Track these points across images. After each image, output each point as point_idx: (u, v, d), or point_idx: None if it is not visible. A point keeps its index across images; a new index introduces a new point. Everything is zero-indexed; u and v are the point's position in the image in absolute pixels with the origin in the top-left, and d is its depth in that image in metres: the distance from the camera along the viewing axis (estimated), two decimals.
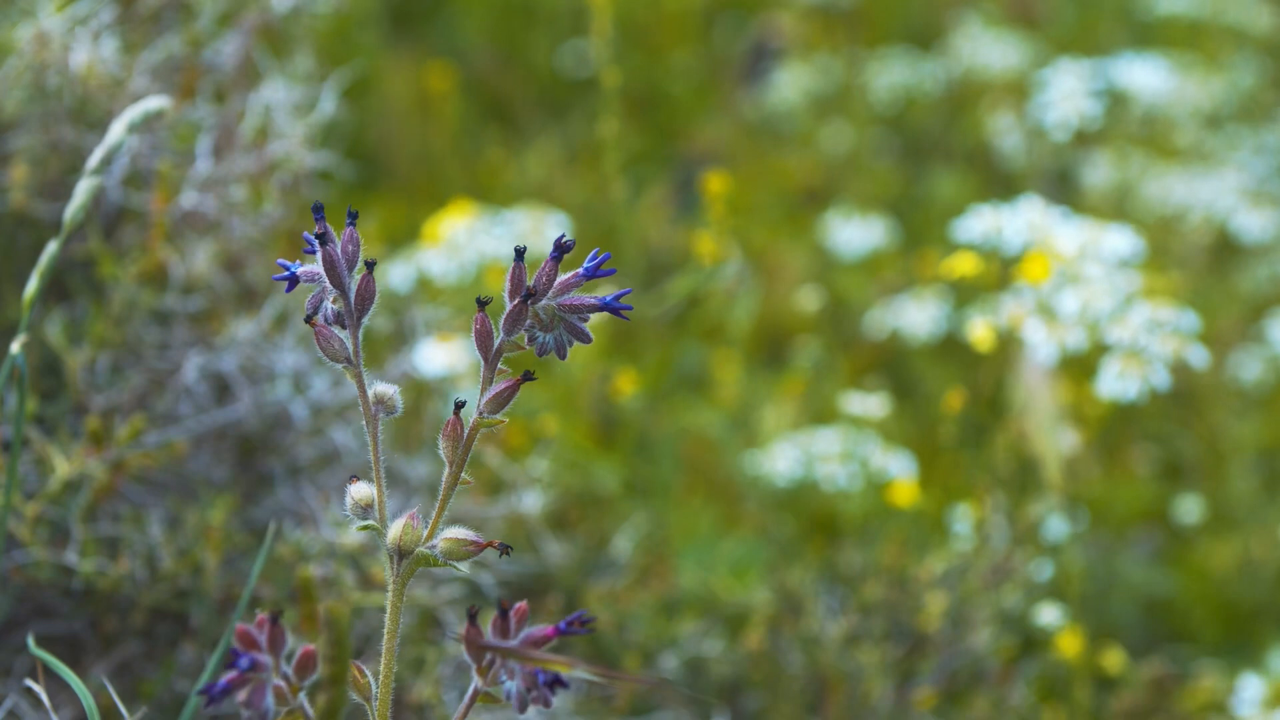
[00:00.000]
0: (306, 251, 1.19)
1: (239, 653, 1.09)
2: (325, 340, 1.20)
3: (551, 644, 1.14)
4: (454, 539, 1.19)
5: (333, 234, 1.19)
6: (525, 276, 1.18)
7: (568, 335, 1.20)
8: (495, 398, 1.19)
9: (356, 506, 1.21)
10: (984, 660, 2.03)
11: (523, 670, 1.14)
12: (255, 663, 1.10)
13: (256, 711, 1.10)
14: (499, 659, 1.15)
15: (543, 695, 1.14)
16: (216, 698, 1.10)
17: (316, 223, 1.18)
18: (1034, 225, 2.11)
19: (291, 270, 1.20)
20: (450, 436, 1.20)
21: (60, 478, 1.68)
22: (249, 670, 1.10)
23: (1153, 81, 3.00)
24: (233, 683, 1.10)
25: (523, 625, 1.15)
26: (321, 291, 1.20)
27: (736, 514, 2.44)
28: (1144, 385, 1.98)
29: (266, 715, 1.10)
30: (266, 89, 2.02)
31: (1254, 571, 2.49)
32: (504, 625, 1.15)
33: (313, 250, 1.19)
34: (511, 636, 1.15)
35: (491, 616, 1.15)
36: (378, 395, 1.21)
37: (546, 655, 1.13)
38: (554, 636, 1.14)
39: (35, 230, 1.85)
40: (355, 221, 1.20)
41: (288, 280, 1.20)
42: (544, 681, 1.14)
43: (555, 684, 1.14)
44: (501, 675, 1.15)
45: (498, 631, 1.15)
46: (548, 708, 1.15)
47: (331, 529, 1.75)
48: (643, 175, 3.34)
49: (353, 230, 1.20)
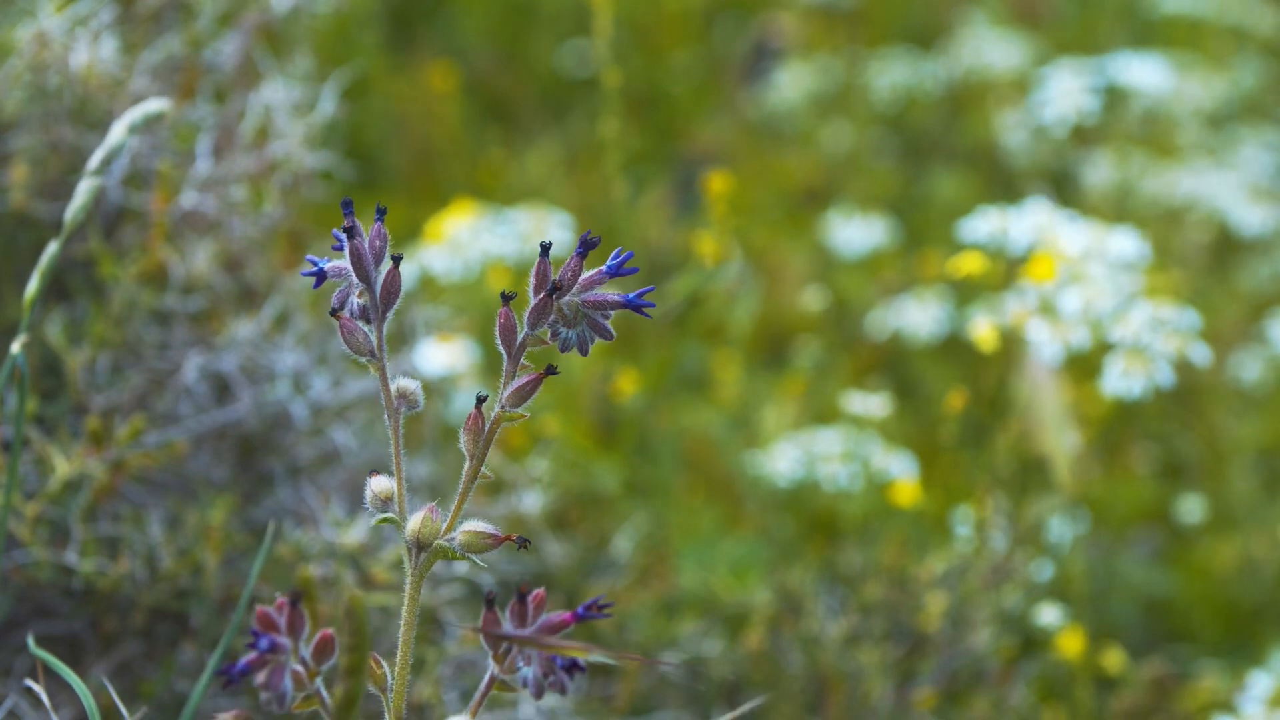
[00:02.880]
0: (335, 248, 1.20)
1: (259, 634, 1.10)
2: (350, 333, 1.20)
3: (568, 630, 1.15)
4: (473, 532, 1.20)
5: (360, 228, 1.19)
6: (550, 272, 1.19)
7: (590, 332, 1.20)
8: (518, 391, 1.20)
9: (376, 499, 1.21)
10: (984, 660, 2.03)
11: (539, 656, 1.14)
12: (275, 644, 1.10)
13: (275, 693, 1.10)
14: (515, 646, 1.15)
15: (560, 681, 1.15)
16: (236, 678, 1.10)
17: (345, 217, 1.18)
18: (1040, 226, 2.11)
19: (320, 266, 1.21)
20: (471, 430, 1.20)
21: (60, 478, 1.68)
22: (269, 651, 1.10)
23: (1154, 81, 3.00)
24: (252, 664, 1.10)
25: (540, 612, 1.16)
26: (348, 285, 1.20)
27: (736, 514, 2.43)
28: (1148, 383, 1.98)
29: (284, 697, 1.10)
30: (266, 89, 2.02)
31: (1254, 571, 2.49)
32: (522, 612, 1.15)
33: (340, 246, 1.19)
34: (529, 623, 1.15)
35: (509, 603, 1.16)
36: (400, 389, 1.21)
37: (565, 641, 1.14)
38: (572, 622, 1.15)
39: (35, 230, 1.85)
40: (384, 217, 1.21)
41: (316, 275, 1.21)
42: (562, 665, 1.14)
43: (573, 669, 1.15)
44: (518, 662, 1.16)
45: (515, 618, 1.15)
46: (564, 694, 1.15)
47: (331, 529, 1.75)
48: (643, 175, 3.34)
49: (380, 226, 1.21)
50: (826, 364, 2.67)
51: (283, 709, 1.11)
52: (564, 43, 3.68)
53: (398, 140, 3.39)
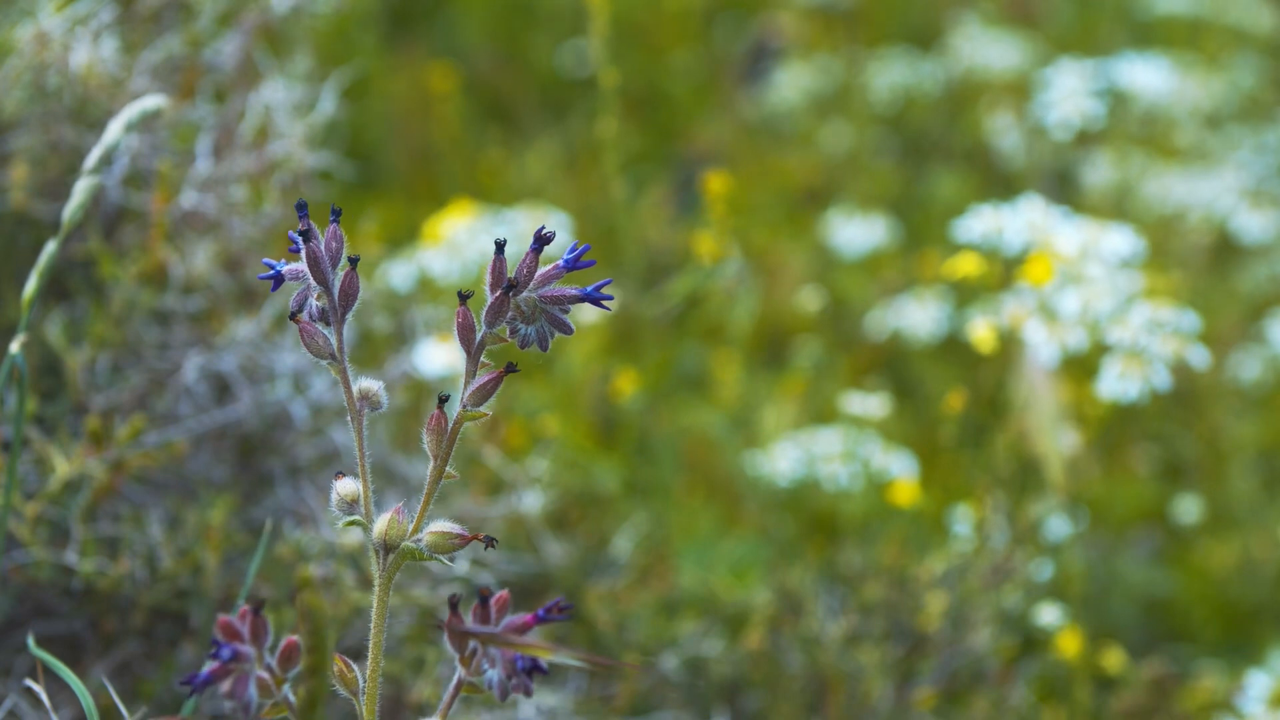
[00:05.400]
0: (292, 250, 1.19)
1: (220, 643, 1.09)
2: (309, 336, 1.20)
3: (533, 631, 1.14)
4: (440, 532, 1.19)
5: (316, 231, 1.19)
6: (506, 269, 1.18)
7: (549, 327, 1.20)
8: (479, 390, 1.20)
9: (342, 502, 1.21)
10: (984, 660, 2.03)
11: (502, 658, 1.14)
12: (237, 653, 1.10)
13: (239, 702, 1.10)
14: (481, 648, 1.15)
15: (522, 683, 1.14)
16: (199, 688, 1.10)
17: (300, 220, 1.18)
18: (1034, 225, 2.11)
19: (277, 269, 1.20)
20: (434, 431, 1.20)
21: (60, 478, 1.68)
22: (230, 661, 1.10)
23: (1153, 81, 3.00)
24: (215, 673, 1.10)
25: (504, 613, 1.15)
26: (306, 288, 1.20)
27: (736, 514, 2.43)
28: (1145, 385, 1.98)
29: (250, 706, 1.10)
30: (266, 89, 2.02)
31: (1254, 571, 2.49)
32: (484, 613, 1.15)
33: (296, 248, 1.19)
34: (492, 624, 1.15)
35: (472, 605, 1.15)
36: (362, 391, 1.21)
37: (528, 640, 1.13)
38: (534, 624, 1.14)
39: (35, 230, 1.85)
40: (339, 219, 1.20)
41: (273, 279, 1.20)
42: (522, 668, 1.13)
43: (534, 670, 1.14)
44: (484, 665, 1.15)
45: (479, 620, 1.15)
46: (528, 696, 1.15)
47: (331, 529, 1.75)
48: (643, 175, 3.34)
49: (336, 227, 1.20)
50: (826, 364, 2.67)
51: (248, 718, 1.11)
52: (563, 43, 3.68)
53: (397, 140, 3.39)
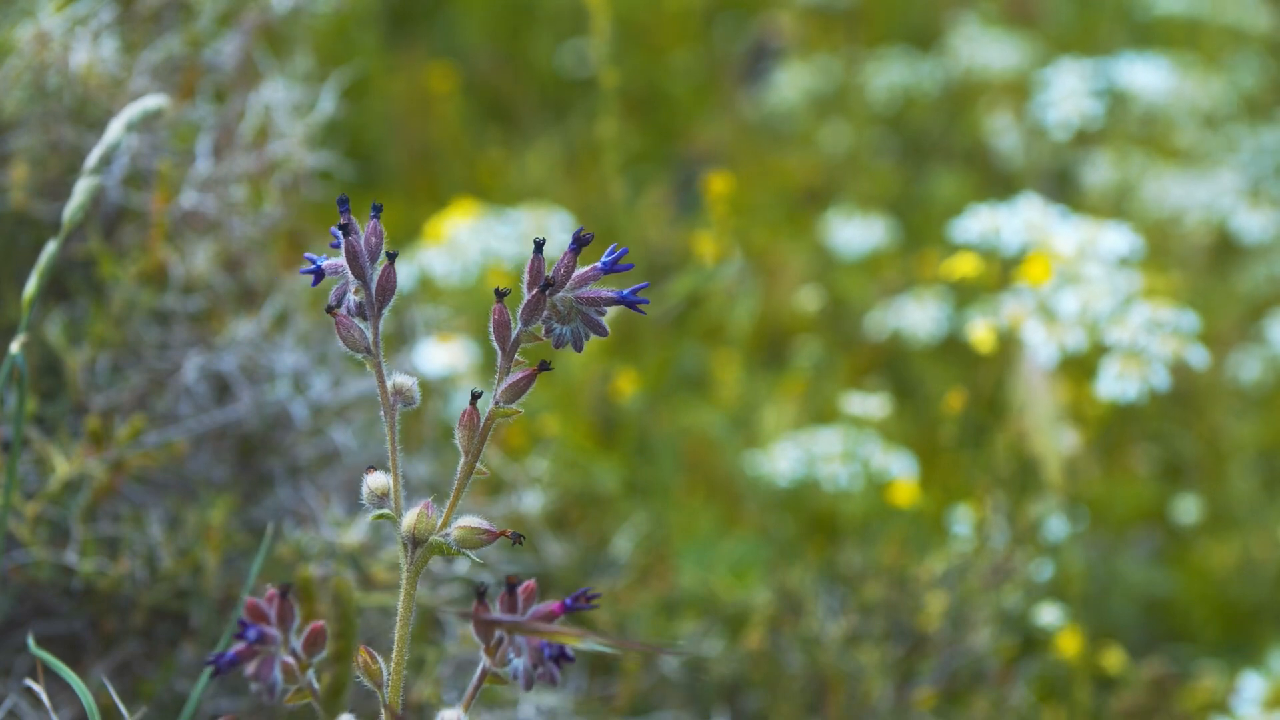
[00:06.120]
0: (333, 245, 1.20)
1: (247, 624, 1.09)
2: (346, 330, 1.20)
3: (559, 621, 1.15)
4: (468, 527, 1.20)
5: (356, 225, 1.19)
6: (544, 268, 1.19)
7: (584, 328, 1.20)
8: (511, 387, 1.20)
9: (373, 495, 1.21)
10: (984, 660, 2.03)
11: (529, 647, 1.14)
12: (264, 635, 1.10)
13: (264, 684, 1.10)
14: (506, 638, 1.15)
15: (549, 671, 1.14)
16: (224, 668, 1.10)
17: (341, 214, 1.19)
18: (1032, 225, 2.10)
19: (318, 263, 1.21)
20: (466, 426, 1.20)
21: (60, 478, 1.68)
22: (257, 642, 1.09)
23: (1152, 81, 3.00)
24: (241, 654, 1.10)
25: (531, 602, 1.16)
26: (345, 283, 1.21)
27: (736, 514, 2.43)
28: (1143, 386, 1.98)
29: (274, 689, 1.10)
30: (266, 89, 2.02)
31: (1254, 571, 2.49)
32: (512, 602, 1.15)
33: (337, 244, 1.19)
34: (520, 613, 1.15)
35: (499, 594, 1.16)
36: (396, 386, 1.21)
37: (557, 627, 1.14)
38: (561, 612, 1.15)
39: (35, 230, 1.85)
40: (379, 214, 1.21)
41: (314, 273, 1.21)
42: (550, 656, 1.14)
43: (561, 658, 1.14)
44: (509, 654, 1.15)
45: (506, 608, 1.15)
46: (554, 684, 1.15)
47: (331, 529, 1.75)
48: (643, 175, 3.34)
49: (376, 223, 1.21)
50: (826, 364, 2.67)
51: (273, 700, 1.10)
52: (563, 43, 3.68)
53: (397, 140, 3.39)
